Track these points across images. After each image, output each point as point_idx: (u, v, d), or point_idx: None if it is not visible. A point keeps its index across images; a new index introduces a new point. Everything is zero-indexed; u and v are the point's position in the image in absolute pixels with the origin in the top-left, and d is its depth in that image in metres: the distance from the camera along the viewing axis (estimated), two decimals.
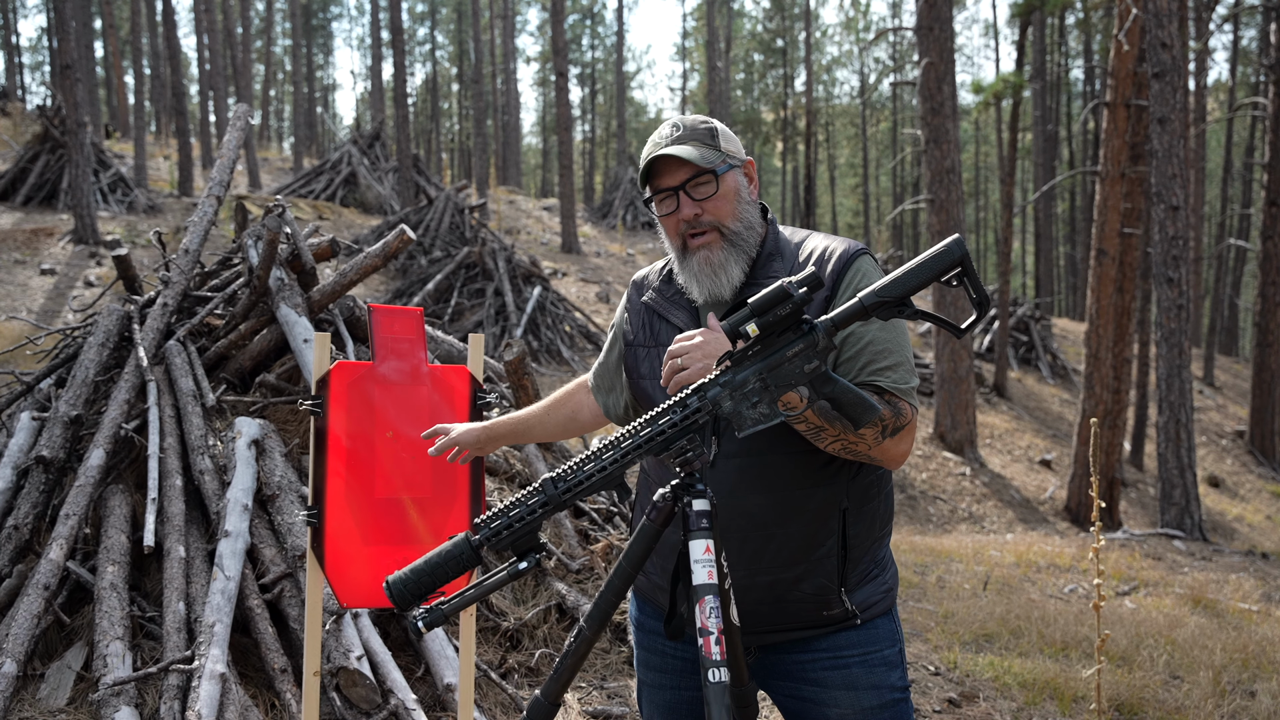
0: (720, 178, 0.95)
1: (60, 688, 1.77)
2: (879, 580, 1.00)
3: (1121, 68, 6.13)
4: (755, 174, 0.99)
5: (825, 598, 0.97)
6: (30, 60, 26.22)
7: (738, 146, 0.99)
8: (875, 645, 0.98)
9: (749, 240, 0.96)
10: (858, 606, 0.98)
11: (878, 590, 0.99)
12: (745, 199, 0.97)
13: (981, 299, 0.84)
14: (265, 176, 13.76)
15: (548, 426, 1.14)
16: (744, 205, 0.97)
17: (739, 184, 0.97)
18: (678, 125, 0.97)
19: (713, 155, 0.96)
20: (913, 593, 3.26)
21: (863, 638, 0.98)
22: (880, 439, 0.90)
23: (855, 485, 0.97)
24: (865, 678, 0.97)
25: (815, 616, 0.97)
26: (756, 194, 0.99)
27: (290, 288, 2.34)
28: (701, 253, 0.95)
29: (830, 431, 0.89)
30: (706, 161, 0.94)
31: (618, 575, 0.85)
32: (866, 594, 0.99)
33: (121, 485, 2.05)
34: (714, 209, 0.96)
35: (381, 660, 1.76)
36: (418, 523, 1.42)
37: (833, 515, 0.96)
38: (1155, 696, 2.25)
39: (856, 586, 0.98)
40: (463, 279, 7.21)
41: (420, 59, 26.04)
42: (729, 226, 0.96)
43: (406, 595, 0.84)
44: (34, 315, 5.64)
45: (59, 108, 7.93)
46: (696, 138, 0.96)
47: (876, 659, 0.98)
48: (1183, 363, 5.35)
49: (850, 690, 0.97)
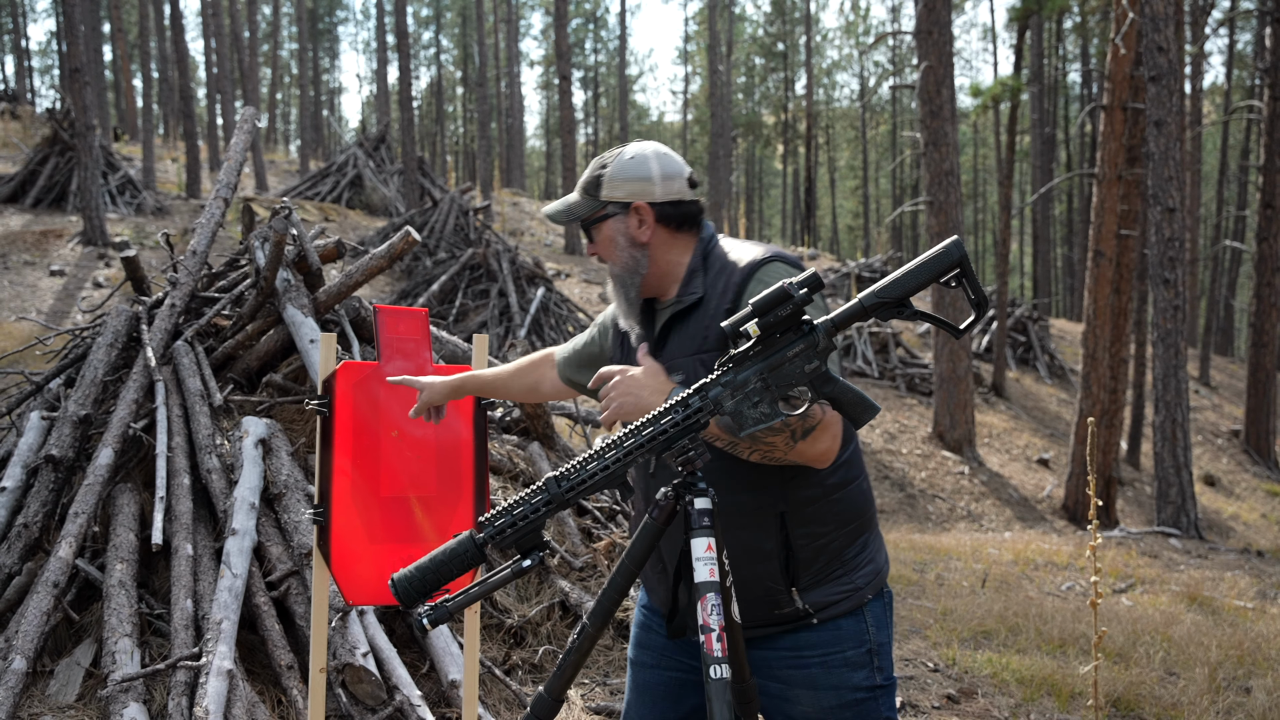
0: (593, 228, 1.02)
1: (69, 684, 1.79)
2: (842, 580, 0.99)
3: (1118, 71, 6.17)
4: (647, 215, 1.00)
5: (773, 597, 0.97)
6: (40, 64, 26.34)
7: (627, 190, 1.00)
8: (837, 646, 0.98)
9: (629, 281, 1.01)
10: (812, 606, 0.97)
11: (839, 590, 0.98)
12: (623, 245, 1.00)
13: (980, 300, 0.85)
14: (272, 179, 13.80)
15: (511, 389, 1.22)
16: (621, 250, 1.01)
17: (616, 230, 1.01)
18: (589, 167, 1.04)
19: (584, 206, 1.02)
20: (912, 590, 3.28)
21: (823, 638, 0.98)
22: (791, 443, 0.89)
23: (794, 489, 0.96)
24: (825, 678, 0.98)
25: (767, 615, 0.98)
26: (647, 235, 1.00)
27: (297, 289, 2.36)
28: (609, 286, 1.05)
29: (742, 445, 0.90)
30: (571, 215, 1.02)
31: (620, 573, 0.86)
32: (824, 594, 0.98)
33: (130, 484, 2.07)
34: (600, 252, 1.03)
35: (387, 657, 1.78)
36: (423, 521, 1.43)
37: (769, 519, 0.96)
38: (1151, 693, 2.26)
39: (812, 586, 0.98)
40: (467, 280, 7.24)
41: (425, 63, 26.12)
42: (611, 269, 1.03)
43: (412, 592, 0.84)
44: (43, 316, 5.65)
45: (68, 111, 7.96)
46: (584, 187, 1.02)
47: (837, 660, 0.98)
48: (1179, 363, 5.38)
49: (811, 690, 0.98)
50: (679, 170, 1.02)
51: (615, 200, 1.00)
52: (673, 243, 1.01)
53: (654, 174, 1.00)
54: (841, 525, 0.99)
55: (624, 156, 1.01)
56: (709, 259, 1.01)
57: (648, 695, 1.07)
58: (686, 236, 1.02)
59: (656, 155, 1.01)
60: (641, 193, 1.00)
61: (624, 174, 1.00)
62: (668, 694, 1.05)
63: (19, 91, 17.49)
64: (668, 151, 1.02)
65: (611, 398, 0.94)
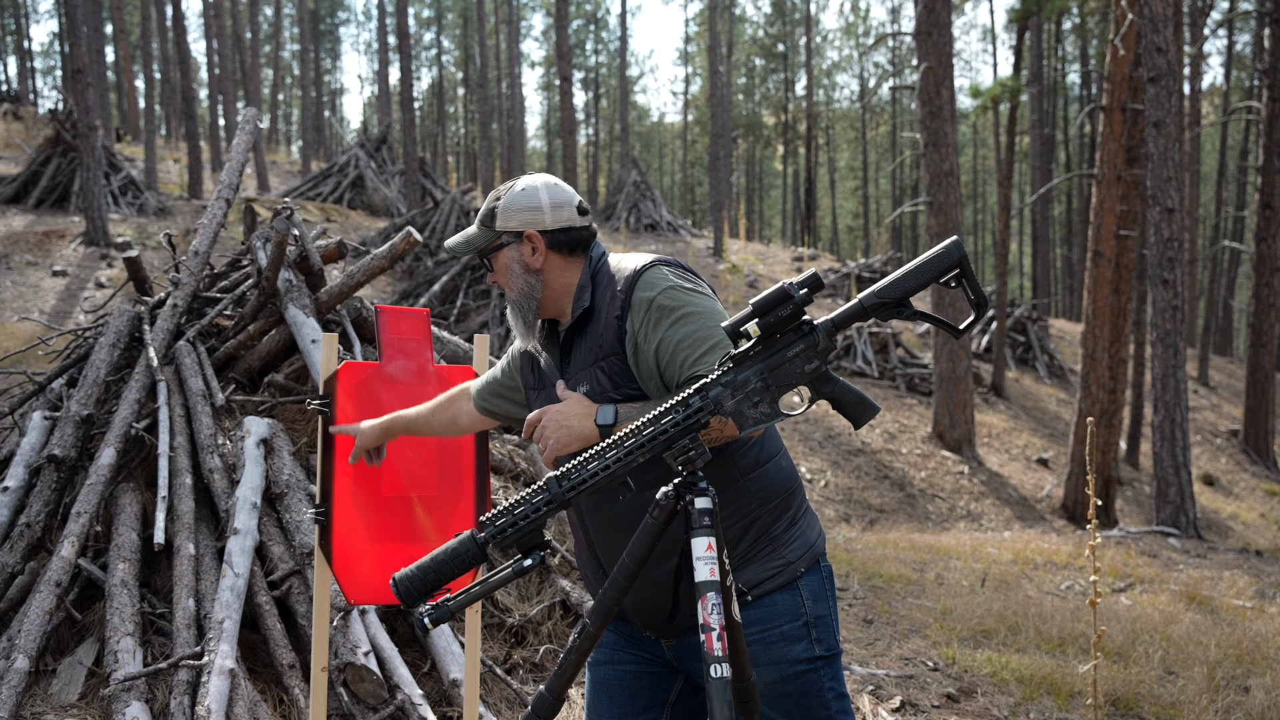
0: (491, 257, 1.07)
1: (72, 683, 1.79)
2: (773, 555, 1.01)
3: (1118, 72, 6.18)
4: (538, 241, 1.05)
5: None
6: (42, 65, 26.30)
7: (521, 219, 1.05)
8: (773, 622, 1.00)
9: (526, 305, 1.07)
10: (745, 584, 0.99)
11: (770, 566, 1.00)
12: (518, 272, 1.06)
13: (979, 300, 0.85)
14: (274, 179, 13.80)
15: (433, 425, 1.26)
16: (516, 278, 1.06)
17: (510, 259, 1.06)
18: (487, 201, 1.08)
19: (481, 238, 1.07)
20: (912, 589, 3.28)
21: (759, 615, 1.00)
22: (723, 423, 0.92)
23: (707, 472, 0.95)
24: (764, 654, 0.99)
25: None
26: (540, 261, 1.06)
27: (298, 289, 2.37)
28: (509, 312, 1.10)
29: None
30: (469, 247, 1.08)
31: (621, 572, 0.86)
32: (755, 572, 1.00)
33: (132, 483, 2.07)
34: (498, 280, 1.09)
35: (388, 656, 1.78)
36: (424, 520, 1.44)
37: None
38: (1151, 692, 2.27)
39: (742, 565, 1.00)
40: (468, 280, 7.24)
41: (426, 64, 26.14)
42: (508, 295, 1.08)
43: (413, 592, 0.85)
44: (46, 316, 5.66)
45: (70, 111, 7.98)
46: (482, 218, 1.08)
47: (774, 635, 0.99)
48: (1178, 363, 5.39)
49: (752, 667, 0.98)
50: (568, 199, 1.07)
51: (509, 230, 1.06)
52: (565, 267, 1.06)
53: (544, 204, 1.06)
54: (763, 503, 1.01)
55: (515, 189, 1.07)
56: (597, 275, 1.06)
57: (604, 692, 1.08)
58: (579, 260, 1.07)
59: (546, 186, 1.07)
60: (533, 222, 1.06)
61: (516, 205, 1.06)
62: (624, 687, 1.07)
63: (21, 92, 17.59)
64: (557, 182, 1.08)
65: (545, 436, 0.98)
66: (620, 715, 1.07)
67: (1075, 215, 18.23)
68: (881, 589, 3.24)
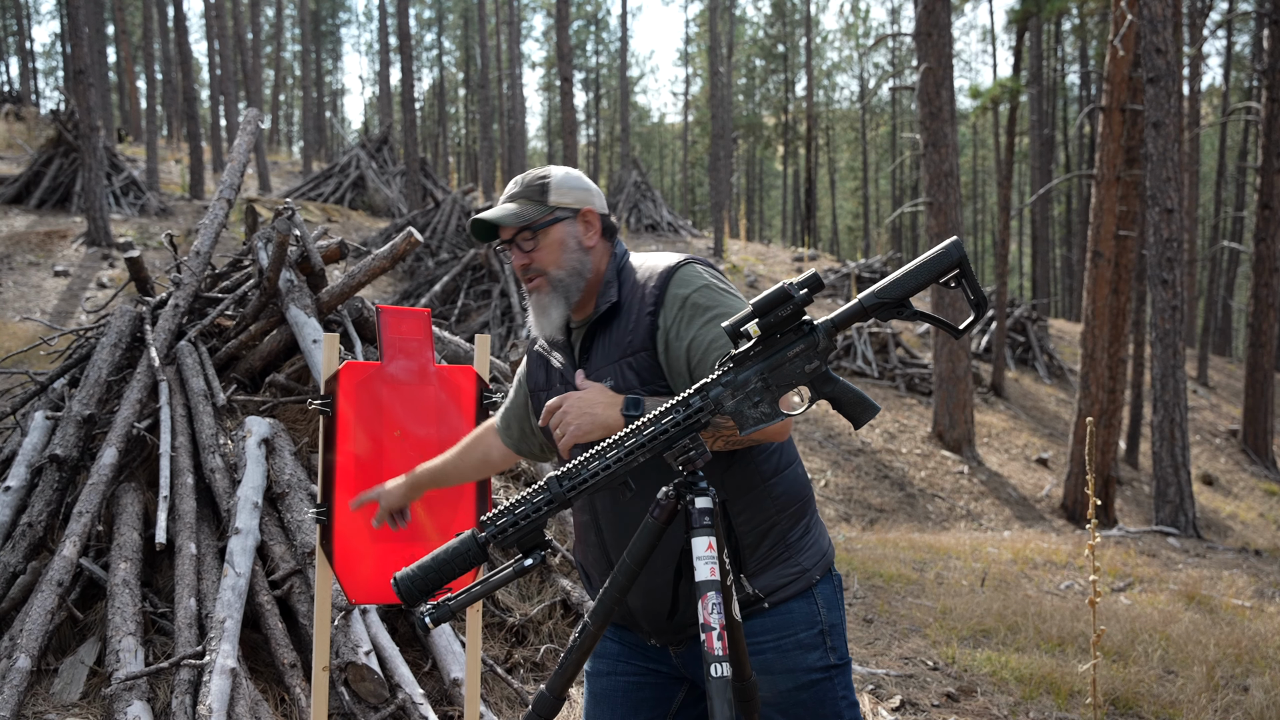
0: (539, 233, 1.03)
1: (73, 682, 1.79)
2: (789, 562, 1.00)
3: (1117, 73, 6.18)
4: (595, 220, 1.04)
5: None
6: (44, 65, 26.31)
7: (575, 197, 1.04)
8: (789, 629, 0.99)
9: (572, 285, 1.03)
10: (762, 590, 0.99)
11: (787, 572, 1.00)
12: (573, 248, 1.03)
13: (979, 300, 0.85)
14: (275, 180, 13.80)
15: (463, 470, 1.20)
16: (569, 254, 1.03)
17: (566, 234, 1.03)
18: (517, 182, 1.05)
19: (533, 211, 1.03)
20: (911, 589, 3.29)
21: (775, 623, 0.99)
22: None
23: (730, 476, 0.98)
24: (779, 662, 0.99)
25: None
26: (594, 240, 1.04)
27: (300, 289, 2.37)
28: (533, 296, 1.04)
29: (705, 435, 0.92)
30: (520, 220, 1.02)
31: (622, 573, 0.86)
32: (772, 578, 0.99)
33: (134, 483, 2.08)
34: (539, 259, 1.03)
35: (389, 655, 1.79)
36: (425, 520, 1.44)
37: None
38: (1150, 691, 2.28)
39: (759, 571, 0.99)
40: (469, 280, 7.25)
41: (427, 64, 26.15)
42: (553, 274, 1.03)
43: (414, 591, 0.85)
44: (48, 316, 5.66)
45: (72, 112, 7.96)
46: (527, 194, 1.04)
47: (789, 643, 0.99)
48: (1177, 363, 5.39)
49: (767, 675, 0.98)
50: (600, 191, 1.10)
51: (564, 205, 1.04)
52: (604, 253, 1.06)
53: (591, 188, 1.07)
54: (782, 509, 1.01)
55: (559, 171, 1.06)
56: (623, 271, 1.05)
57: (606, 703, 1.07)
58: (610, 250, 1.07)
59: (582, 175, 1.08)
60: (586, 201, 1.05)
61: (569, 183, 1.05)
62: (626, 699, 1.06)
63: (23, 93, 17.58)
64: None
65: (566, 421, 0.95)
66: None
67: (1075, 216, 18.26)
68: (881, 588, 3.24)
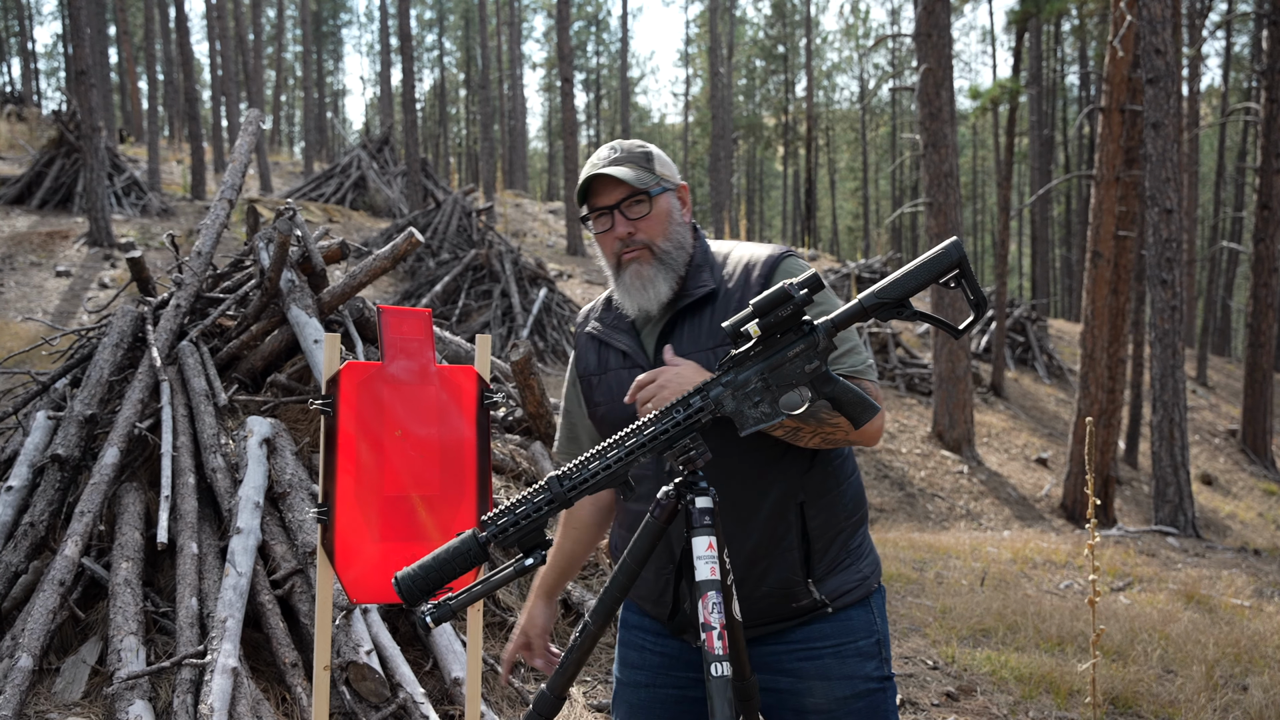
0: (653, 199, 1.00)
1: (75, 682, 1.80)
2: (852, 569, 1.00)
3: (1116, 73, 6.19)
4: (687, 198, 1.04)
5: (791, 590, 0.98)
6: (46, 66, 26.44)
7: (672, 171, 1.04)
8: (849, 636, 0.99)
9: (677, 259, 1.00)
10: (828, 595, 0.98)
11: (850, 579, 1.00)
12: (677, 221, 1.02)
13: (979, 300, 0.85)
14: (276, 180, 13.83)
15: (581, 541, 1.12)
16: (675, 227, 1.01)
17: (671, 206, 1.02)
18: (616, 148, 1.02)
19: (647, 177, 1.00)
20: (911, 588, 3.29)
21: (836, 629, 0.99)
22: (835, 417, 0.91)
23: (811, 478, 0.98)
24: (838, 668, 0.98)
25: (785, 609, 0.98)
26: (689, 217, 1.03)
27: (301, 289, 2.38)
28: (633, 267, 1.00)
29: (807, 429, 0.91)
30: (641, 183, 0.99)
31: (622, 571, 0.86)
32: (837, 583, 0.99)
33: (135, 483, 2.08)
34: (646, 228, 1.00)
35: (390, 655, 1.79)
36: (426, 520, 1.44)
37: (789, 509, 0.97)
38: (1149, 690, 2.28)
39: (826, 576, 0.99)
40: (470, 281, 7.25)
41: (428, 65, 26.16)
42: (659, 245, 1.00)
43: (415, 591, 0.84)
44: (49, 316, 5.66)
45: (74, 113, 7.96)
46: (633, 160, 1.01)
47: (850, 650, 0.99)
48: (1176, 363, 5.40)
49: (824, 680, 0.98)
50: None
51: (667, 178, 1.02)
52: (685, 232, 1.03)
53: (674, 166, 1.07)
54: (849, 514, 1.01)
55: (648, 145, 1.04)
56: (709, 255, 1.03)
57: (643, 715, 1.05)
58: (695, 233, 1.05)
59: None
60: (677, 177, 1.04)
61: (664, 158, 1.03)
62: (665, 712, 1.04)
63: (25, 93, 17.44)
64: None
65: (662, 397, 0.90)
66: None
67: (1074, 216, 18.28)
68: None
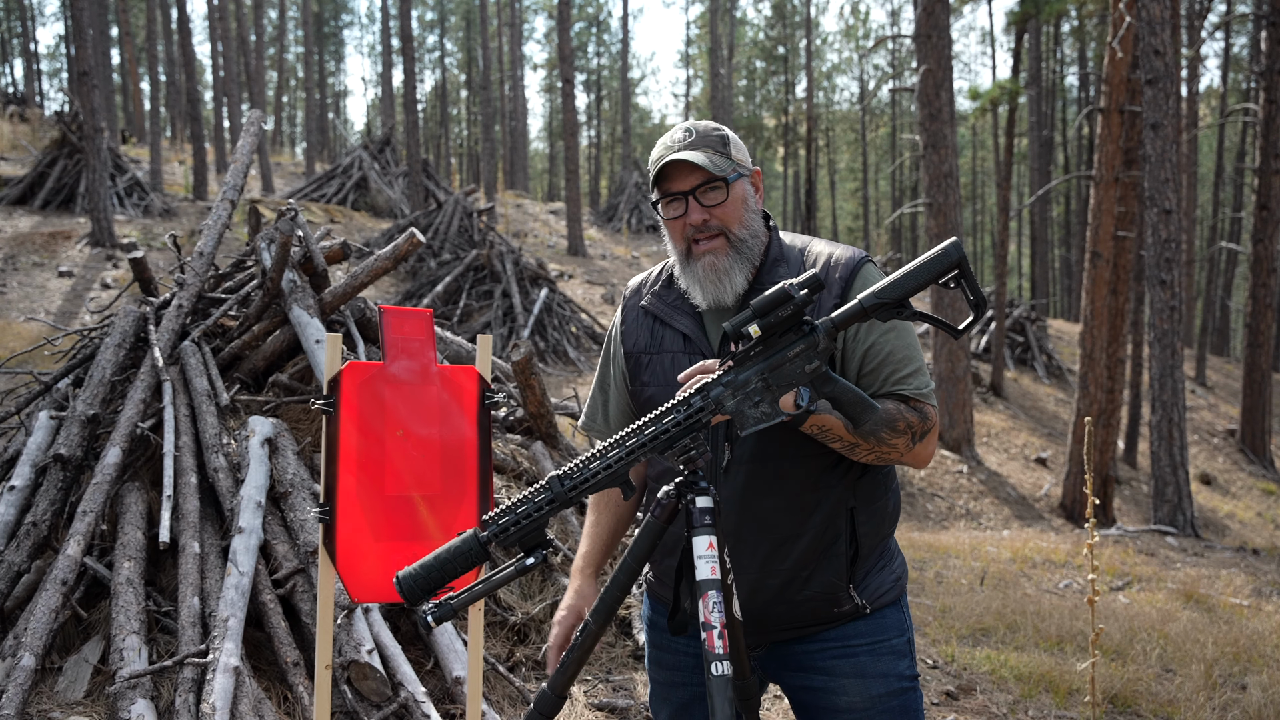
0: (730, 185, 0.96)
1: (78, 681, 1.80)
2: (887, 570, 1.02)
3: (1115, 74, 6.20)
4: (761, 183, 1.01)
5: (834, 594, 0.98)
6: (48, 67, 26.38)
7: (746, 155, 1.00)
8: (883, 634, 0.99)
9: (753, 248, 0.97)
10: (867, 599, 0.99)
11: (886, 580, 1.01)
12: (751, 208, 0.99)
13: (978, 300, 0.85)
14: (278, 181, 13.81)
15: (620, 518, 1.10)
16: (750, 214, 0.98)
17: (746, 192, 0.98)
18: (690, 130, 0.97)
19: (724, 163, 0.96)
20: (911, 588, 3.30)
21: (871, 627, 0.99)
22: (911, 445, 0.93)
23: (862, 484, 0.98)
24: (873, 666, 0.98)
25: (826, 614, 0.99)
26: (761, 203, 1.01)
27: (303, 289, 2.38)
28: (707, 258, 0.96)
29: (863, 446, 0.91)
30: (718, 169, 0.95)
31: (623, 571, 0.86)
32: (875, 585, 1.00)
33: (137, 483, 2.08)
34: (722, 215, 0.96)
35: (392, 654, 1.79)
36: (427, 519, 1.44)
37: (841, 515, 0.97)
38: (1148, 689, 2.29)
39: (863, 581, 1.00)
40: (471, 281, 7.26)
41: (430, 66, 26.15)
42: (735, 233, 0.97)
43: (416, 590, 0.85)
44: (52, 316, 5.66)
45: (76, 113, 7.96)
46: (709, 144, 0.97)
47: (884, 648, 0.99)
48: (1175, 363, 5.41)
49: (859, 679, 0.98)
50: None
51: (743, 163, 0.99)
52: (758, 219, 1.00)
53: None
54: (891, 523, 1.03)
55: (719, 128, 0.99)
56: (784, 249, 1.00)
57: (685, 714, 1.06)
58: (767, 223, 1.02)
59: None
60: (750, 162, 1.01)
61: (737, 142, 1.00)
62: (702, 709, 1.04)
63: (28, 94, 17.45)
64: None
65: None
66: None
67: (1073, 216, 18.29)
68: None
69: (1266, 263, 8.74)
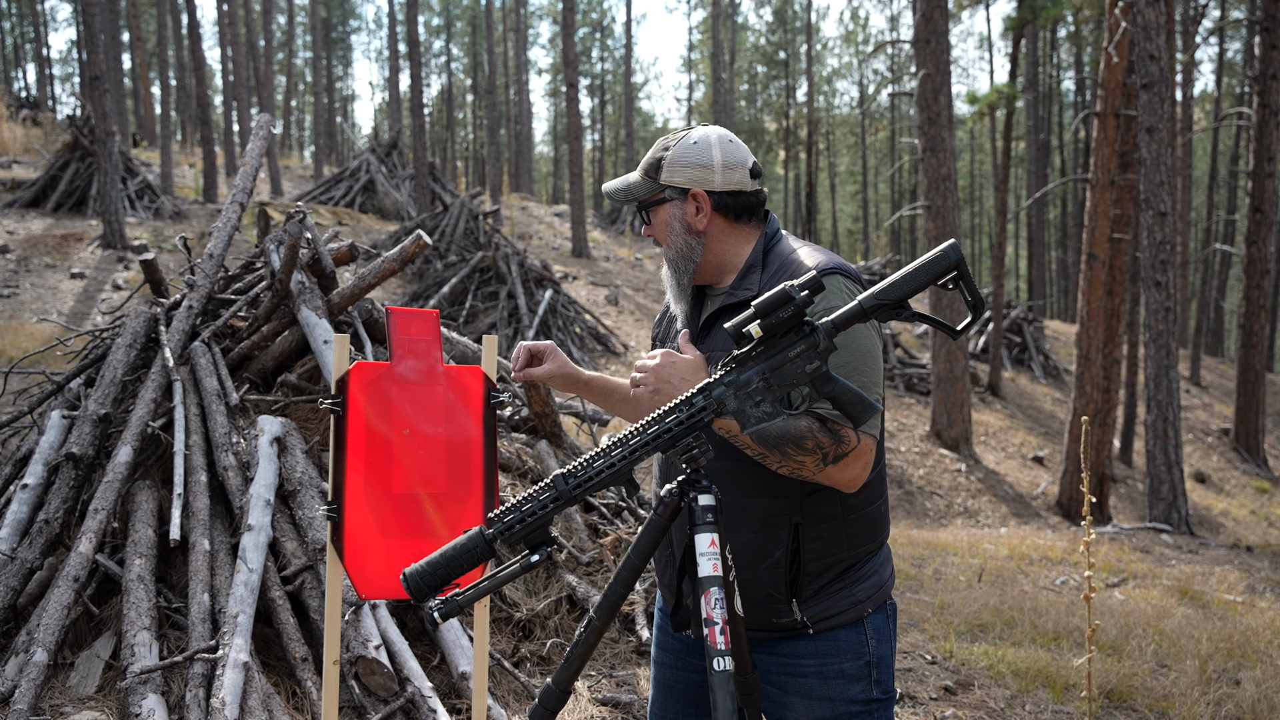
0: (650, 210, 1.00)
1: (89, 676, 1.82)
2: (844, 594, 0.97)
3: (1111, 79, 6.25)
4: (705, 202, 0.97)
5: (773, 606, 0.96)
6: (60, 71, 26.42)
7: (688, 175, 0.97)
8: (833, 657, 0.97)
9: (683, 267, 0.99)
10: (811, 618, 0.96)
11: (840, 603, 0.97)
12: (678, 231, 0.99)
13: (976, 302, 0.85)
14: (287, 184, 13.81)
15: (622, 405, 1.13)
16: (678, 235, 0.99)
17: (673, 216, 0.99)
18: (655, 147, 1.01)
19: (643, 188, 0.99)
20: (910, 585, 3.32)
21: (820, 648, 0.97)
22: (821, 466, 0.89)
23: (813, 501, 0.95)
24: (820, 689, 0.97)
25: (765, 621, 0.97)
26: (705, 223, 0.98)
27: (311, 291, 2.40)
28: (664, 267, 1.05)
29: (772, 458, 0.90)
30: (630, 196, 1.00)
31: (626, 568, 0.86)
32: (824, 606, 0.96)
33: (148, 481, 2.10)
34: (655, 234, 1.02)
35: (399, 649, 1.81)
36: (434, 517, 1.45)
37: (783, 527, 0.95)
38: (1144, 684, 2.31)
39: (812, 599, 0.96)
40: (477, 282, 7.29)
41: (436, 70, 26.20)
42: (666, 251, 1.01)
43: (423, 587, 0.84)
44: (64, 317, 5.67)
45: (88, 117, 8.01)
46: (645, 168, 1.00)
47: (832, 671, 0.97)
48: (1170, 363, 5.44)
49: (805, 699, 0.97)
50: (742, 159, 0.98)
51: (674, 185, 0.98)
52: (730, 233, 0.99)
53: (715, 162, 0.97)
54: (854, 546, 0.98)
55: (688, 141, 0.98)
56: (769, 256, 0.98)
57: (671, 694, 1.08)
58: (746, 228, 1.00)
59: (720, 142, 0.98)
60: (701, 180, 0.97)
61: (685, 159, 0.97)
62: (688, 693, 1.06)
63: (40, 98, 17.59)
64: (733, 139, 0.99)
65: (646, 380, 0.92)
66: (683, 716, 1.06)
67: (1070, 219, 18.36)
68: None
69: (1260, 265, 8.80)
